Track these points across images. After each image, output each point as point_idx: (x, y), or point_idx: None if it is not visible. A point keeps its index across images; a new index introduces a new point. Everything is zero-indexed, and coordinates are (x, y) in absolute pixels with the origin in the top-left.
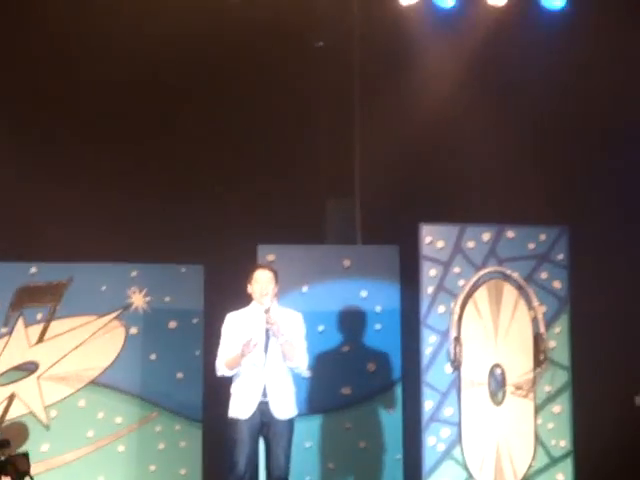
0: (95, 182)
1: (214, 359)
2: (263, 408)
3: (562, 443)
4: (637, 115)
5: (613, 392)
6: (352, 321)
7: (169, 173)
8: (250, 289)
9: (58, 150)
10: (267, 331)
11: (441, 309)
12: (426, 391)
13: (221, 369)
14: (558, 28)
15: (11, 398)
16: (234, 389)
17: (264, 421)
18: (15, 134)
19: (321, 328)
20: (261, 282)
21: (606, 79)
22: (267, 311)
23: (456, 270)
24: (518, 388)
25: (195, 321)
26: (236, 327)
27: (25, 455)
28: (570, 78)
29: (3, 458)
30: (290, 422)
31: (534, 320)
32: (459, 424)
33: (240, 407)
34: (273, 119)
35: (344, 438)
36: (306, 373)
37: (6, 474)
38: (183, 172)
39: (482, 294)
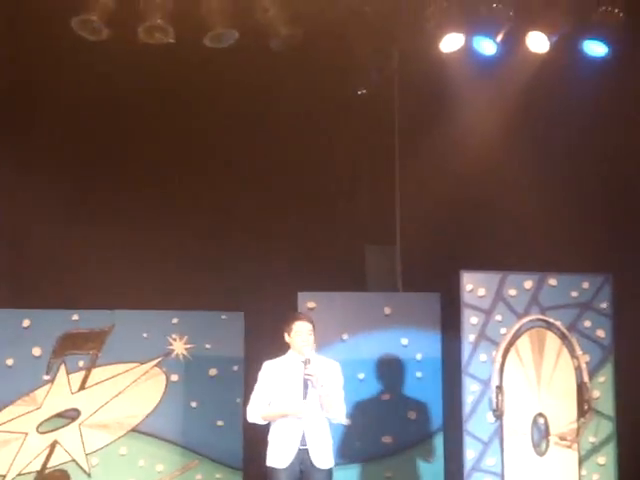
0: (137, 229)
1: None
2: (302, 456)
3: None
4: None
5: None
6: (393, 369)
7: (210, 220)
8: (288, 339)
9: (102, 197)
10: (305, 380)
11: (483, 357)
12: (468, 440)
13: (252, 416)
14: (600, 76)
15: (53, 446)
16: (272, 437)
17: (303, 470)
18: (59, 181)
19: (361, 376)
20: (301, 333)
21: None
22: (307, 362)
23: (498, 318)
24: (562, 438)
25: (235, 368)
26: (273, 375)
27: None
28: (612, 126)
29: None
30: (329, 472)
31: (577, 369)
32: (502, 474)
33: (279, 456)
34: (315, 167)
35: None
36: (344, 422)
37: None
38: (224, 219)
39: (524, 342)
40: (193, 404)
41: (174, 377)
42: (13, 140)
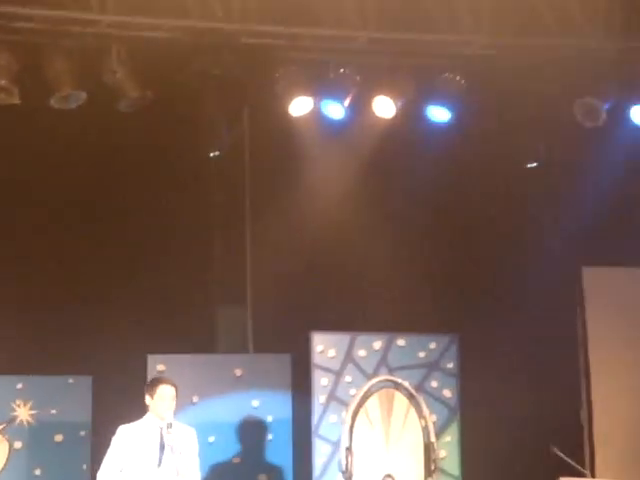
0: None
1: None
2: None
3: None
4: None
5: None
6: (244, 432)
7: (55, 283)
8: (150, 401)
9: None
10: (162, 446)
11: (333, 418)
12: None
13: None
14: (444, 140)
15: None
16: None
17: None
18: None
19: (212, 439)
20: (165, 398)
21: (490, 183)
22: (169, 426)
23: (347, 379)
24: None
25: (82, 434)
26: (128, 441)
27: None
28: (458, 184)
29: None
30: None
31: (425, 429)
32: None
33: None
34: (165, 227)
35: None
36: None
37: None
38: (70, 282)
39: (373, 403)
40: (37, 472)
41: (17, 444)
42: None
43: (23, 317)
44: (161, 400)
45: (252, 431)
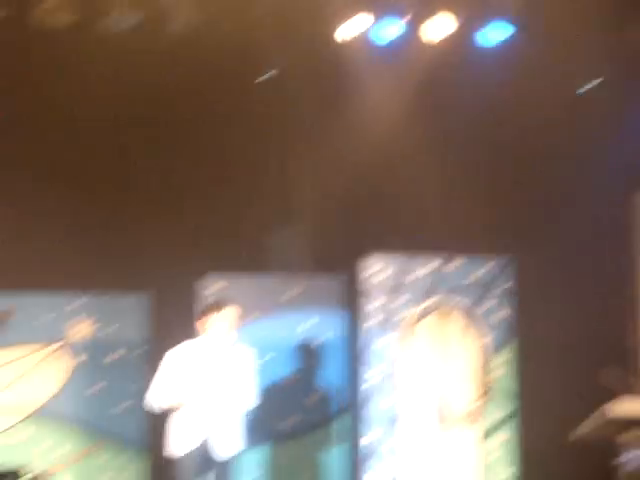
0: (40, 210)
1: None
2: (205, 444)
3: (508, 472)
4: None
5: (560, 421)
6: (298, 351)
7: (117, 201)
8: (206, 322)
9: (4, 176)
10: (218, 365)
11: (387, 339)
12: (371, 422)
13: (153, 402)
14: (493, 62)
15: None
16: (173, 424)
17: (206, 458)
18: None
19: (266, 359)
20: (222, 319)
21: (546, 105)
22: (226, 347)
23: (401, 300)
24: (464, 417)
25: (140, 351)
26: (178, 361)
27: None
28: (507, 110)
29: None
30: (233, 459)
31: (480, 349)
32: (404, 455)
33: (181, 444)
34: (221, 148)
35: (290, 469)
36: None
37: None
38: (131, 200)
39: (428, 324)
40: (98, 387)
41: (79, 359)
42: None
43: (85, 235)
44: (218, 320)
45: (307, 351)
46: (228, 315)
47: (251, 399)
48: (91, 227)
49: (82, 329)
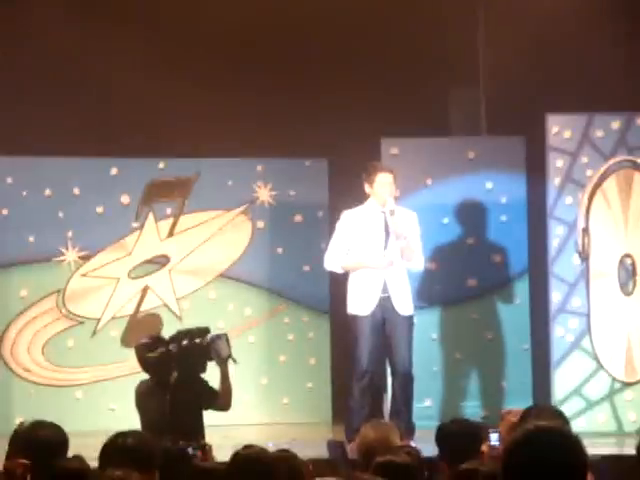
0: (221, 78)
1: None
2: (384, 304)
3: None
4: None
5: None
6: (477, 213)
7: (293, 68)
8: (369, 189)
9: (186, 48)
10: (386, 231)
11: (568, 200)
12: (554, 282)
13: (330, 264)
14: None
15: (144, 291)
16: (352, 285)
17: (385, 317)
18: (149, 33)
19: (446, 221)
20: (384, 185)
21: None
22: (392, 213)
23: (584, 160)
24: None
25: (320, 214)
26: (352, 225)
27: (222, 337)
28: None
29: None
30: (411, 317)
31: None
32: (588, 315)
33: (361, 303)
34: (396, 10)
35: (471, 329)
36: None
37: (210, 359)
38: (307, 66)
39: (611, 184)
40: (279, 250)
41: (260, 224)
42: None
43: (262, 102)
44: (381, 187)
45: (486, 212)
46: (388, 180)
47: (422, 262)
48: (270, 95)
49: (263, 194)
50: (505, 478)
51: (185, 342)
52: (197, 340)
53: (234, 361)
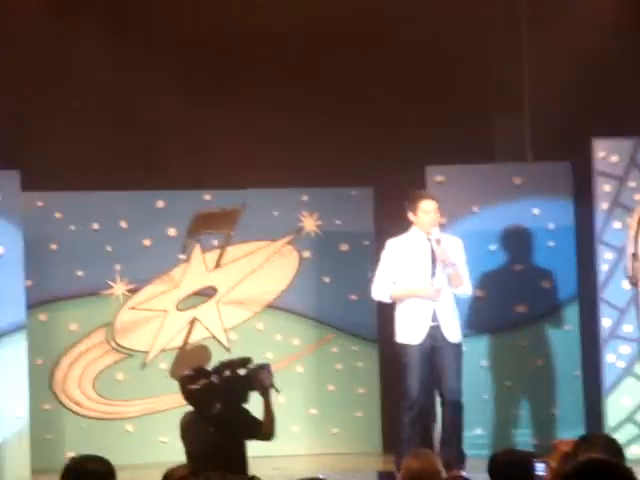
0: (266, 109)
1: None
2: (433, 332)
3: None
4: None
5: None
6: (524, 239)
7: (338, 97)
8: (413, 217)
9: (231, 78)
10: (432, 257)
11: (617, 225)
12: (603, 308)
13: (377, 294)
14: None
15: (192, 322)
16: (400, 314)
17: (434, 345)
18: (191, 64)
19: (493, 247)
20: (429, 212)
21: None
22: (439, 242)
23: (632, 184)
24: None
25: (366, 243)
26: (397, 253)
27: (265, 367)
28: None
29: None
30: (460, 345)
31: None
32: (639, 341)
33: (411, 332)
34: (439, 38)
35: (520, 356)
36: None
37: (252, 389)
38: (351, 95)
39: None
40: (326, 279)
41: (306, 253)
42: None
43: (308, 131)
44: (424, 214)
45: (533, 238)
46: (432, 208)
47: (470, 288)
48: (315, 125)
49: (309, 224)
50: None
51: (227, 373)
52: (239, 370)
53: (277, 390)
